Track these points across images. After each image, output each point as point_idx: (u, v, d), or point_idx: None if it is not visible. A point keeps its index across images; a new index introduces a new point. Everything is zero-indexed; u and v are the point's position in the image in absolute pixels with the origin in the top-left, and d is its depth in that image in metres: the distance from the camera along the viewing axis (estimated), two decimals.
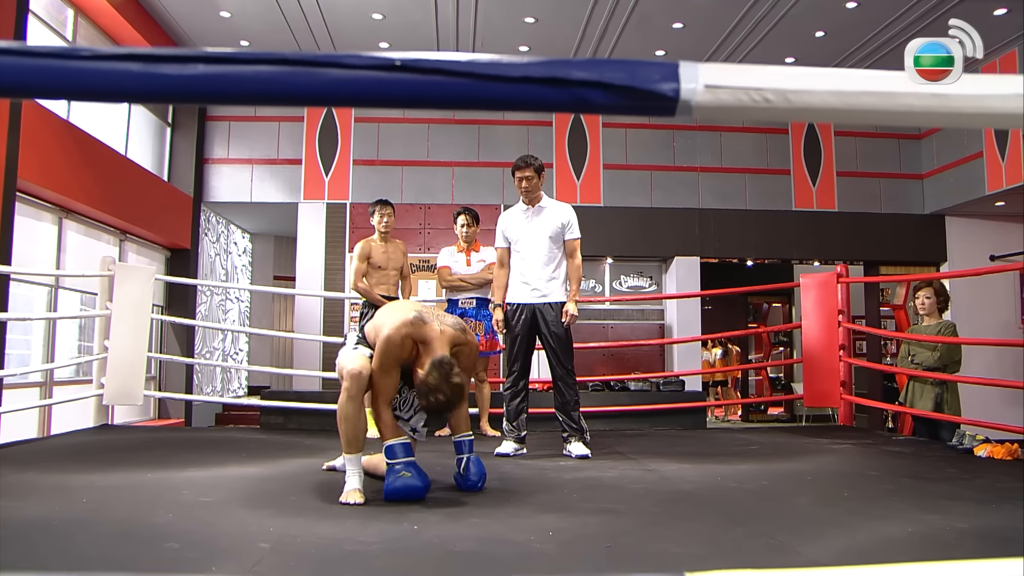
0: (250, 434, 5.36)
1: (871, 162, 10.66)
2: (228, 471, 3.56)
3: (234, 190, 10.21)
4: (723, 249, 10.43)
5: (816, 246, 10.47)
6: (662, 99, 0.83)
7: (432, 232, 9.96)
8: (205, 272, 10.54)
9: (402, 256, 5.45)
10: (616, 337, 10.17)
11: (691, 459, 4.07)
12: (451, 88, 0.82)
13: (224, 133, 10.25)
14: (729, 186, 10.49)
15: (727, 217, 10.36)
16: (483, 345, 5.37)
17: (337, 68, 0.81)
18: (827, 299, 5.94)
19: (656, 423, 6.06)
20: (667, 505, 2.83)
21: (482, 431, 5.40)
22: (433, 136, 10.22)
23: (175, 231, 9.48)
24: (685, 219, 10.31)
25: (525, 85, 0.83)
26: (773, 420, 12.42)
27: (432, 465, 3.39)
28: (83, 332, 7.93)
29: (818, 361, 5.93)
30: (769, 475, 3.50)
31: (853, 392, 5.96)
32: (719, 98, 0.84)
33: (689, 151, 10.51)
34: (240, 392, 12.04)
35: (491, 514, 2.62)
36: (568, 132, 10.34)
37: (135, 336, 5.56)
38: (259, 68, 0.80)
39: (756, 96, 0.83)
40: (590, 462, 3.99)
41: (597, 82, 0.82)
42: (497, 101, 0.84)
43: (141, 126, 9.38)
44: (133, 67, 0.77)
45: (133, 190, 8.40)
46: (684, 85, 0.84)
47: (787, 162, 10.61)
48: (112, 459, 3.85)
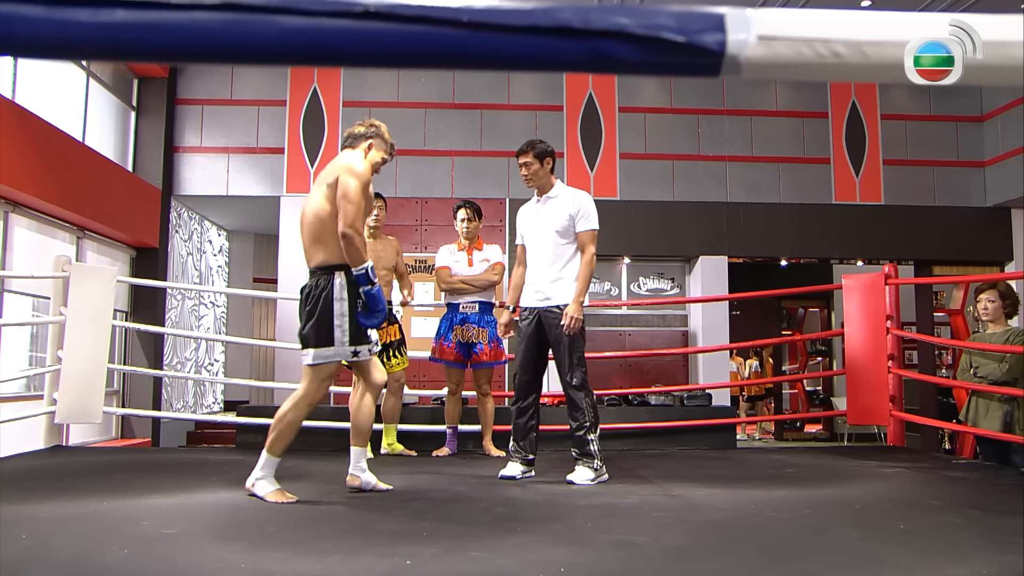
0: (225, 455, 5.33)
1: (923, 148, 10.55)
2: (197, 498, 3.51)
3: (208, 182, 10.19)
4: (754, 247, 10.36)
5: (860, 244, 10.38)
6: (704, 54, 0.73)
7: (430, 229, 9.91)
8: (175, 274, 10.52)
9: (395, 254, 5.40)
10: (634, 346, 10.09)
11: (721, 483, 4.02)
12: (435, 40, 0.72)
13: (196, 118, 10.22)
14: (761, 177, 10.42)
15: (758, 212, 10.28)
16: (487, 355, 5.33)
17: (294, 15, 0.71)
18: (873, 303, 5.88)
19: (680, 442, 6.02)
20: (695, 536, 2.77)
21: (485, 451, 5.37)
22: (431, 122, 10.18)
23: (141, 228, 9.45)
24: (711, 214, 10.24)
25: (530, 36, 0.73)
26: (810, 438, 12.36)
27: (429, 486, 3.31)
28: (35, 341, 7.88)
29: (863, 373, 5.87)
30: (811, 503, 3.44)
31: (904, 408, 5.88)
32: (775, 52, 0.74)
33: (716, 138, 10.44)
34: (215, 408, 12.01)
35: (494, 546, 2.57)
36: (580, 117, 10.28)
37: (94, 345, 5.51)
38: (195, 15, 0.70)
39: (822, 49, 0.73)
40: (607, 487, 3.93)
41: (621, 32, 0.72)
42: (494, 57, 0.75)
43: (101, 110, 9.35)
44: (34, 11, 0.67)
45: (92, 182, 8.36)
46: (732, 36, 0.74)
47: (826, 149, 10.52)
48: (62, 486, 3.79)
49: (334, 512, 3.23)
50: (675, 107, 10.45)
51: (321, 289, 3.53)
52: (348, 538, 2.69)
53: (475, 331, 5.33)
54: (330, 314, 3.50)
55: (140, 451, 6.66)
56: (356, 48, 0.75)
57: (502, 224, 9.78)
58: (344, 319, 3.50)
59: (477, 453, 5.45)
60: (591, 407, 4.17)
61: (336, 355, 3.52)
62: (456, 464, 4.89)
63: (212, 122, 10.22)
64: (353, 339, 3.52)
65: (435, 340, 5.46)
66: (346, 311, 3.51)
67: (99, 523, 2.92)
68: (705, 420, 6.24)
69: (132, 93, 9.99)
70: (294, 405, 3.52)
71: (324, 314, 3.50)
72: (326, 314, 3.50)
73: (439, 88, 10.30)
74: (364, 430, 3.75)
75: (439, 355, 5.40)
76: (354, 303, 3.54)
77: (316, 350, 3.51)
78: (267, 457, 3.49)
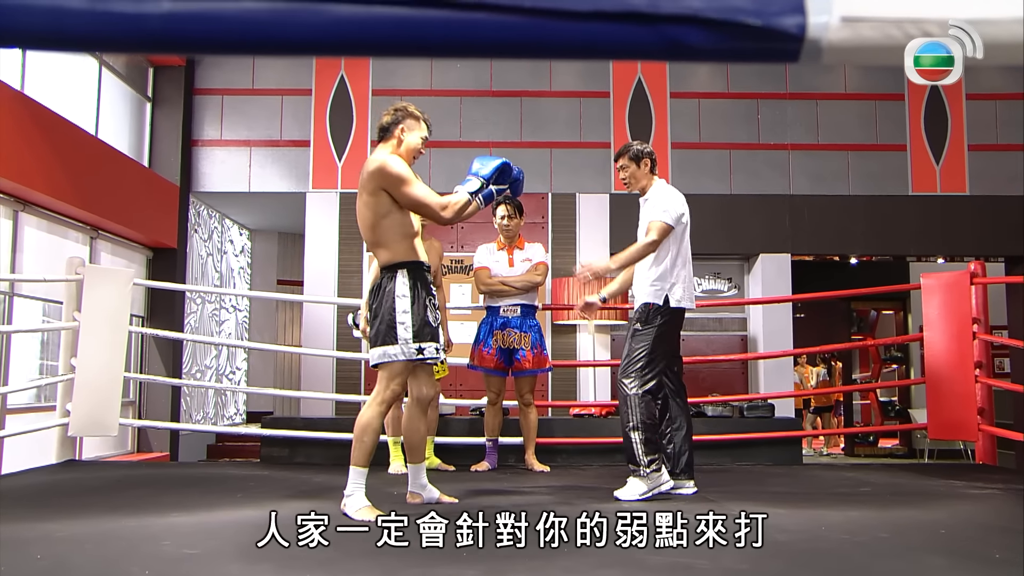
0: (248, 470, 5.38)
1: (1015, 131, 10.29)
2: (220, 516, 3.55)
3: (229, 178, 10.29)
4: (820, 244, 10.25)
5: (940, 239, 10.21)
6: (783, 38, 0.74)
7: (467, 227, 9.91)
8: (195, 276, 10.64)
9: (437, 259, 5.42)
10: (688, 351, 10.01)
11: (785, 502, 4.00)
12: (496, 28, 0.74)
13: (216, 109, 10.34)
14: (828, 167, 10.30)
15: (825, 205, 10.16)
16: (529, 362, 5.34)
17: (345, 3, 0.74)
18: (957, 304, 5.81)
19: (739, 457, 6.02)
20: (757, 561, 2.74)
21: (528, 465, 5.38)
22: (467, 111, 10.21)
23: (158, 227, 9.57)
24: (773, 208, 10.14)
25: (596, 24, 0.74)
26: (885, 454, 12.24)
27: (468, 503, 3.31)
28: (46, 349, 8.00)
29: (946, 382, 5.81)
30: (889, 526, 3.40)
31: (995, 423, 5.79)
32: (860, 35, 0.74)
33: (778, 124, 10.34)
34: (237, 419, 12.15)
35: (539, 568, 2.58)
36: (628, 104, 10.24)
37: (109, 353, 5.59)
38: (244, 5, 0.73)
39: (913, 30, 0.73)
40: (661, 502, 3.92)
41: (693, 16, 0.74)
42: (557, 45, 0.77)
43: (115, 101, 9.47)
44: (76, 4, 0.70)
45: (106, 178, 8.46)
46: (813, 19, 0.75)
47: (902, 135, 10.35)
48: (78, 503, 3.85)
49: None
50: (732, 91, 10.37)
51: (384, 288, 3.72)
52: (382, 558, 2.70)
53: (516, 336, 5.34)
54: (393, 312, 3.67)
55: (158, 466, 6.77)
56: (410, 37, 0.77)
57: (544, 221, 9.78)
58: (407, 316, 3.67)
59: (519, 468, 5.47)
60: (640, 408, 4.16)
61: (400, 354, 3.66)
62: (497, 480, 4.91)
63: (233, 113, 10.33)
64: (417, 336, 3.67)
65: (473, 346, 5.48)
66: (408, 308, 3.68)
67: (117, 543, 2.96)
68: (767, 433, 6.21)
69: (147, 83, 10.10)
70: (367, 406, 3.69)
71: (387, 312, 3.68)
72: (389, 312, 3.68)
73: (475, 74, 10.33)
74: (415, 444, 3.93)
75: (478, 362, 5.42)
76: (420, 300, 3.71)
77: (381, 348, 3.69)
78: (352, 470, 3.61)
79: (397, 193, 3.69)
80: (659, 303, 4.31)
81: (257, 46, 0.77)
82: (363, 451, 3.60)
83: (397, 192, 3.68)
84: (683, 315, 4.44)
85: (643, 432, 4.14)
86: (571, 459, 5.95)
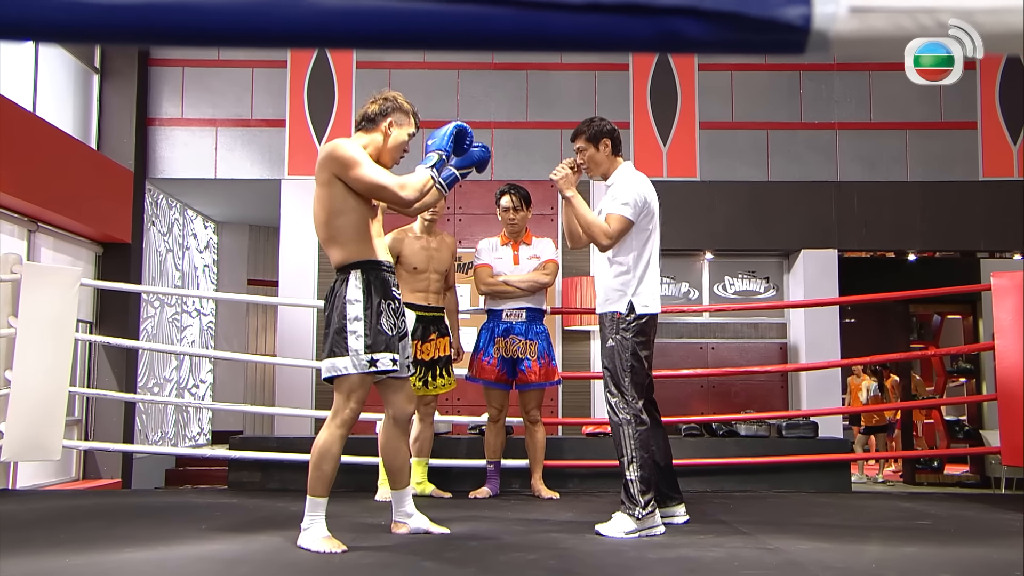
0: (214, 497, 5.41)
1: None
2: (182, 551, 3.57)
3: (191, 162, 10.29)
4: (873, 238, 10.24)
5: (1017, 232, 10.19)
6: (786, 30, 0.80)
7: (465, 218, 9.94)
8: (152, 275, 10.65)
9: (450, 256, 5.45)
10: (719, 362, 10.06)
11: (831, 535, 4.01)
12: (485, 21, 0.80)
13: (176, 83, 10.32)
14: (882, 149, 10.29)
15: (879, 193, 10.16)
16: (535, 374, 5.36)
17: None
18: None
19: (778, 483, 6.04)
20: None
21: (535, 491, 5.41)
22: (465, 86, 10.20)
23: (109, 219, 9.55)
24: (817, 197, 10.13)
25: (592, 15, 0.81)
26: (953, 482, 12.16)
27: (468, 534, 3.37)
28: None
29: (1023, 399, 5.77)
30: (952, 565, 3.39)
31: None
32: (870, 25, 0.80)
33: (823, 101, 10.33)
34: (201, 440, 12.18)
35: None
36: (650, 78, 10.21)
37: (51, 364, 5.57)
38: None
39: (926, 20, 0.79)
40: (686, 537, 3.93)
41: (692, 8, 0.80)
42: (550, 39, 0.82)
43: (57, 72, 9.41)
44: None
45: (47, 162, 8.40)
46: (818, 9, 0.81)
47: (972, 111, 10.30)
48: (13, 539, 3.85)
49: (350, 564, 3.28)
50: (770, 63, 10.35)
51: (336, 291, 3.69)
52: None
53: (521, 344, 5.36)
54: (343, 318, 3.64)
55: (109, 494, 6.77)
56: (396, 30, 0.83)
57: (554, 212, 9.74)
58: (360, 324, 3.62)
59: (524, 494, 5.50)
60: (635, 440, 4.11)
61: (351, 366, 3.61)
62: (499, 507, 4.94)
63: (195, 88, 10.32)
64: (370, 347, 3.62)
65: (472, 355, 5.50)
66: (360, 314, 3.63)
67: None
68: (810, 456, 6.21)
69: (94, 52, 9.97)
70: (324, 427, 3.68)
71: (337, 319, 3.65)
72: (339, 319, 3.65)
73: None
74: (397, 468, 3.94)
75: (477, 373, 5.43)
76: (373, 305, 3.65)
77: (330, 360, 3.66)
78: (309, 500, 3.62)
79: (349, 177, 3.64)
80: (623, 311, 4.20)
81: (231, 38, 0.84)
82: (321, 480, 3.60)
83: (349, 176, 3.64)
84: (656, 320, 4.31)
85: (639, 469, 4.08)
86: (584, 484, 5.97)
